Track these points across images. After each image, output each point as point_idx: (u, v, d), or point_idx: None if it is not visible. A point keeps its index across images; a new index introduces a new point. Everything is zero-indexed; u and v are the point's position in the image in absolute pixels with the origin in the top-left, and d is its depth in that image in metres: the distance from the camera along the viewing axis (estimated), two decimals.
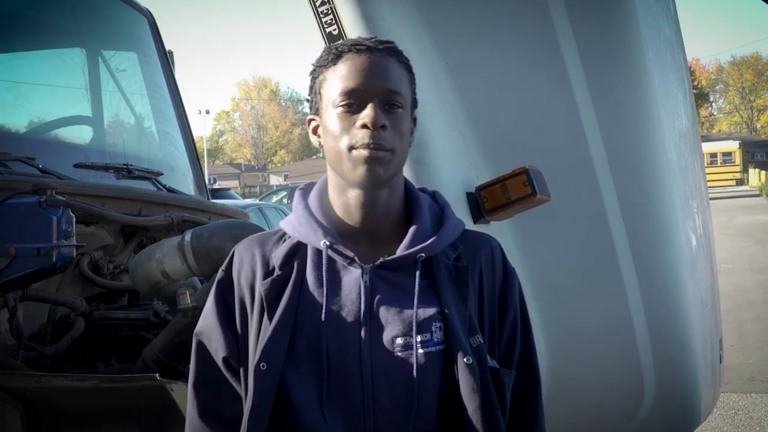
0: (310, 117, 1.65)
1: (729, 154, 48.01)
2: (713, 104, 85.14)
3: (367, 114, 1.50)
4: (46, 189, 2.61)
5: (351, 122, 1.52)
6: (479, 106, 2.51)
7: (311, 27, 2.40)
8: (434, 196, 1.72)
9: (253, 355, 1.55)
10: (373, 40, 1.57)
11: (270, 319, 1.54)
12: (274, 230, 1.69)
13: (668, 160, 2.57)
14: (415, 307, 1.53)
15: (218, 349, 1.62)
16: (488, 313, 1.63)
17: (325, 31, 2.37)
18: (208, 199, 4.29)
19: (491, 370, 1.57)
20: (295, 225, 1.63)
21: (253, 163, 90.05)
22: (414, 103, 1.65)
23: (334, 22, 2.36)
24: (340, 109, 1.52)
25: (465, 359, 1.52)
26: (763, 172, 37.62)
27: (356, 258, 1.56)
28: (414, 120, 1.65)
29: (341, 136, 1.52)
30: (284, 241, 1.64)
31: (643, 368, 2.58)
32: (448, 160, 2.38)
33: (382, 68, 1.54)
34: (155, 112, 4.20)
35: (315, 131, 1.63)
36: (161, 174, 3.83)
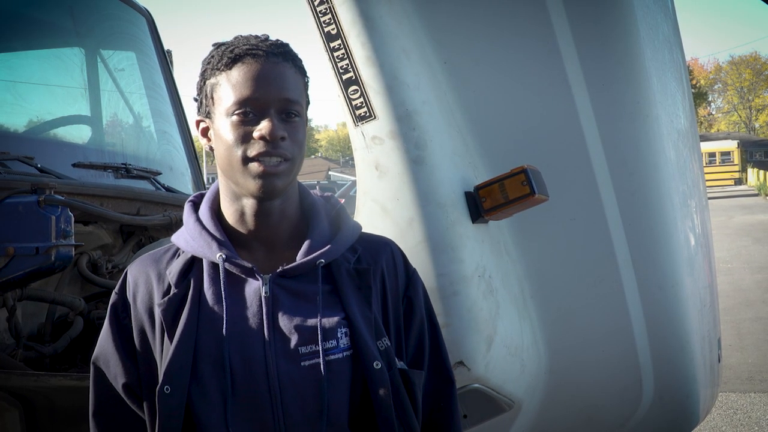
0: (198, 119, 1.59)
1: (727, 153, 48.04)
2: (712, 104, 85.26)
3: (265, 126, 1.45)
4: (44, 188, 2.61)
5: (247, 132, 1.47)
6: (478, 106, 2.51)
7: (310, 26, 2.40)
8: (329, 200, 1.68)
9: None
10: (268, 43, 1.52)
11: (170, 339, 1.49)
12: (167, 246, 1.64)
13: (667, 159, 2.57)
14: (319, 314, 1.50)
15: (117, 375, 1.57)
16: (393, 315, 1.61)
17: (323, 31, 2.37)
18: None
19: (400, 372, 1.55)
20: (188, 239, 1.58)
21: None
22: (307, 105, 1.60)
23: (332, 21, 2.36)
24: (236, 117, 1.48)
25: (374, 364, 1.50)
26: (761, 172, 37.62)
27: (255, 268, 1.51)
28: (306, 121, 1.59)
29: (236, 146, 1.47)
30: (178, 256, 1.59)
31: (641, 368, 2.58)
32: (447, 159, 2.39)
33: (279, 76, 1.49)
34: (154, 112, 4.20)
35: (204, 134, 1.58)
36: (160, 173, 3.83)
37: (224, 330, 1.47)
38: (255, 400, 1.47)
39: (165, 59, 4.34)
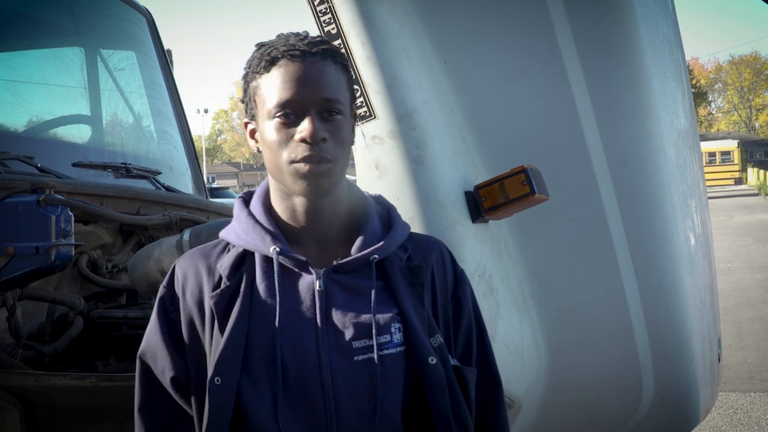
0: (246, 121, 1.60)
1: (728, 153, 48.07)
2: (712, 103, 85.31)
3: (305, 128, 1.45)
4: (44, 188, 2.61)
5: (289, 134, 1.47)
6: (478, 105, 2.51)
7: (310, 26, 2.40)
8: (378, 200, 1.68)
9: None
10: (306, 42, 1.51)
11: (222, 331, 1.49)
12: (215, 241, 1.64)
13: (667, 159, 2.57)
14: (373, 308, 1.49)
15: (165, 370, 1.57)
16: (442, 314, 1.61)
17: (323, 31, 2.37)
18: (207, 198, 4.30)
19: (454, 368, 1.55)
20: (240, 233, 1.57)
21: (251, 162, 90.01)
22: (353, 100, 1.60)
23: (332, 21, 2.36)
24: (277, 120, 1.48)
25: (429, 359, 1.49)
26: (761, 171, 37.62)
27: (309, 262, 1.51)
28: (354, 115, 1.59)
29: (280, 149, 1.48)
30: (228, 251, 1.59)
31: (641, 367, 2.58)
32: (447, 159, 2.38)
33: (318, 75, 1.48)
34: (154, 111, 4.20)
35: (252, 135, 1.59)
36: (160, 173, 3.84)
37: (277, 323, 1.47)
38: (306, 395, 1.46)
39: (165, 59, 4.34)
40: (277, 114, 1.48)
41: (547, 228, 2.54)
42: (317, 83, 1.48)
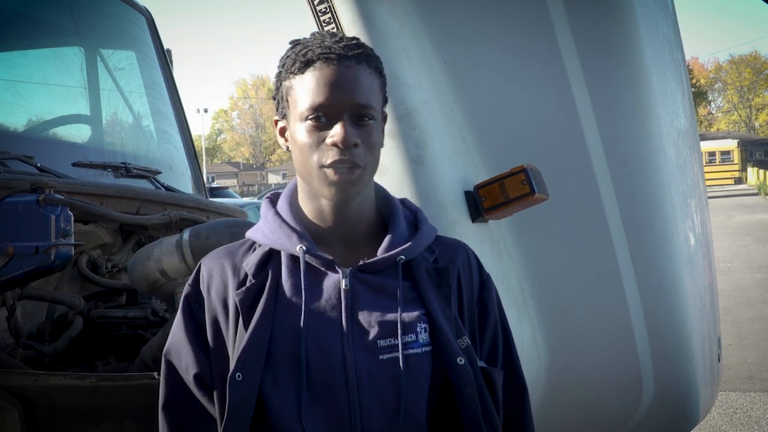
0: (276, 119, 1.60)
1: (727, 152, 48.08)
2: (712, 103, 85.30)
3: (337, 133, 1.45)
4: (44, 187, 2.61)
5: (320, 138, 1.47)
6: (478, 105, 2.51)
7: (310, 26, 2.40)
8: (405, 203, 1.69)
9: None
10: (342, 45, 1.50)
11: (246, 327, 1.49)
12: (241, 241, 1.65)
13: (666, 158, 2.57)
14: (399, 308, 1.49)
15: (189, 367, 1.57)
16: (468, 317, 1.60)
17: (323, 30, 2.37)
18: (207, 197, 4.30)
19: (482, 370, 1.55)
20: (266, 232, 1.58)
21: (251, 161, 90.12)
22: (384, 103, 1.59)
23: (332, 21, 2.36)
24: (309, 123, 1.48)
25: (458, 360, 1.48)
26: (761, 171, 37.63)
27: (335, 261, 1.51)
28: (384, 118, 1.60)
29: (311, 152, 1.48)
30: (254, 250, 1.60)
31: (641, 367, 2.58)
32: (447, 158, 2.39)
33: (352, 80, 1.47)
34: (153, 111, 4.20)
35: (282, 133, 1.59)
36: (160, 173, 3.83)
37: (302, 321, 1.46)
38: (331, 394, 1.45)
39: (165, 58, 4.34)
40: (310, 117, 1.48)
41: (547, 228, 2.54)
42: (351, 88, 1.47)
